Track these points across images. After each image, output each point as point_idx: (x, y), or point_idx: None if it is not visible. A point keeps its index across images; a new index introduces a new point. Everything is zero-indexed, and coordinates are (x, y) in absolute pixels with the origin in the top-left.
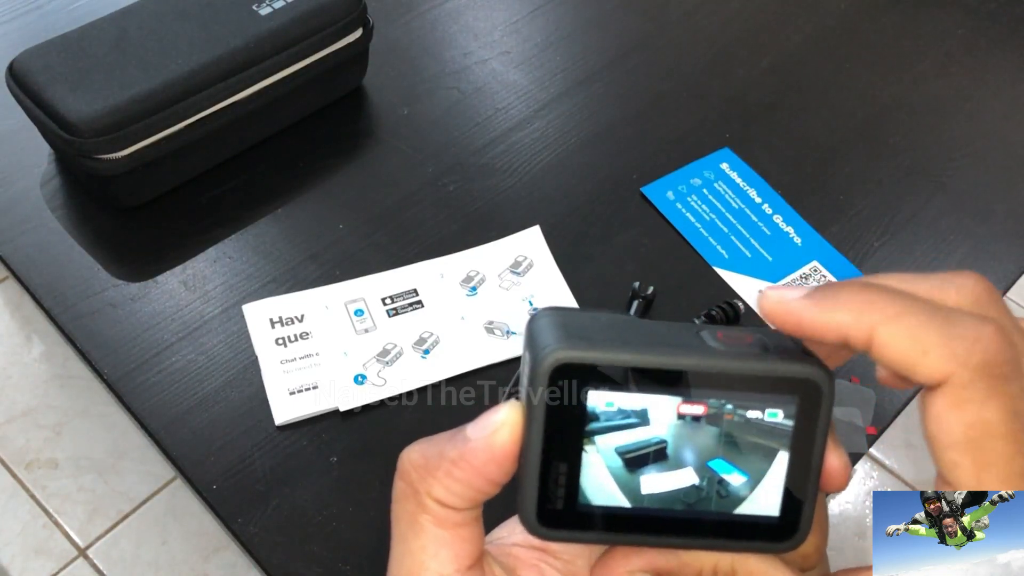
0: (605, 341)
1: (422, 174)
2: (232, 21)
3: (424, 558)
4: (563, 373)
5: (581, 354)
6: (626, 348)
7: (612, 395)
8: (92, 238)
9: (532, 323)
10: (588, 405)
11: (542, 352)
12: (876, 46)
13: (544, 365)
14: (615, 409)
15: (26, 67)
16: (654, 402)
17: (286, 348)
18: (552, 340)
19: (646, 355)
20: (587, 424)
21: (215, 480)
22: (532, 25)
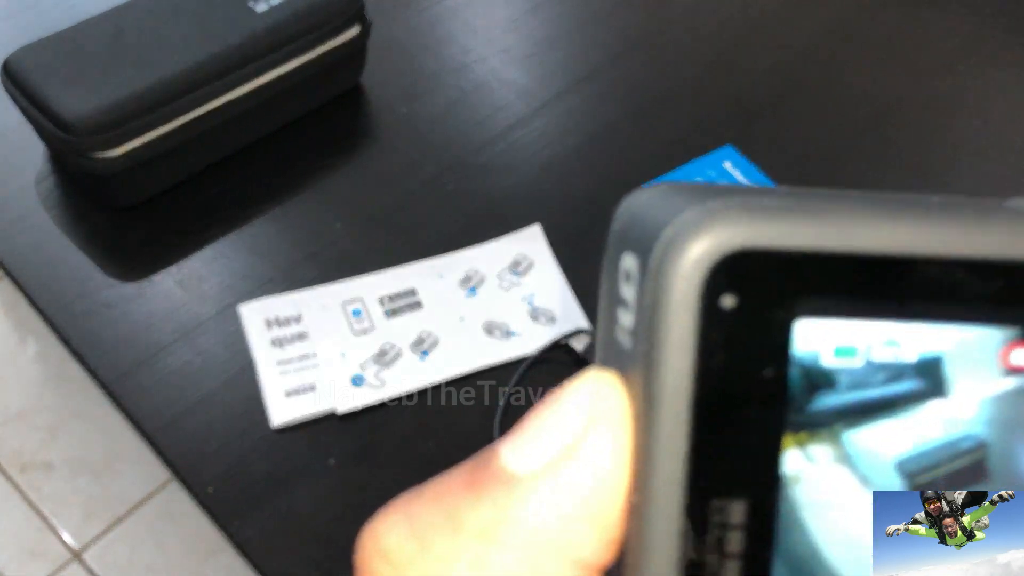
0: (819, 205)
1: (421, 173)
2: (228, 18)
3: None
4: (738, 274)
5: (785, 225)
6: (888, 211)
7: (859, 326)
8: (87, 237)
9: (631, 205)
10: (801, 353)
11: (678, 221)
12: (880, 44)
13: (688, 254)
14: (861, 363)
15: (21, 65)
16: (954, 344)
17: (283, 349)
18: (700, 201)
19: (943, 225)
20: (800, 401)
21: (211, 483)
22: (532, 22)
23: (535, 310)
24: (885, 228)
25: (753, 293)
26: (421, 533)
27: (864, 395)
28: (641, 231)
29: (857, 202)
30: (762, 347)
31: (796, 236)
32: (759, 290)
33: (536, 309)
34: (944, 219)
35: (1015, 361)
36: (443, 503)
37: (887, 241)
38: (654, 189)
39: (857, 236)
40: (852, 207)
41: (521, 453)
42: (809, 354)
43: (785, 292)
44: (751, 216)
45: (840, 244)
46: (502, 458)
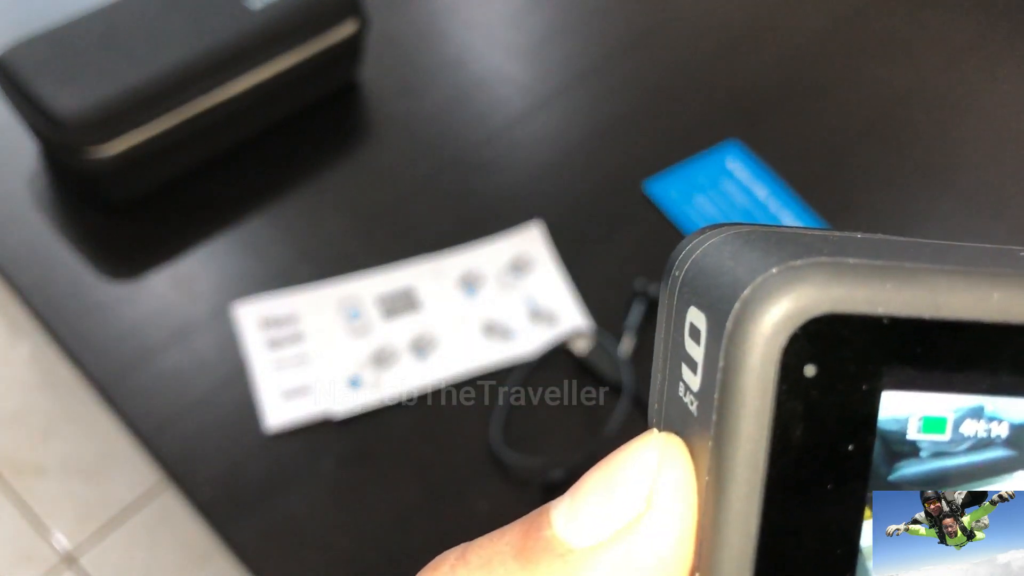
0: (909, 266)
1: (419, 170)
2: (223, 14)
3: None
4: (822, 340)
5: (874, 289)
6: (983, 276)
7: (947, 399)
8: (80, 236)
9: (696, 251)
10: (885, 422)
11: (759, 283)
12: (886, 40)
13: (769, 318)
14: (947, 436)
15: (13, 61)
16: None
17: (278, 350)
18: (779, 258)
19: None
20: (881, 472)
21: (206, 486)
22: (532, 18)
23: (535, 310)
24: (979, 293)
25: (837, 362)
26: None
27: (948, 463)
28: (712, 287)
29: (946, 262)
30: (845, 420)
31: (885, 301)
32: (844, 359)
33: (536, 309)
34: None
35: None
36: (492, 572)
37: (982, 308)
38: (723, 236)
39: (951, 302)
40: (942, 269)
41: (578, 524)
42: (895, 424)
43: (871, 361)
44: (837, 278)
45: (932, 311)
46: (556, 527)
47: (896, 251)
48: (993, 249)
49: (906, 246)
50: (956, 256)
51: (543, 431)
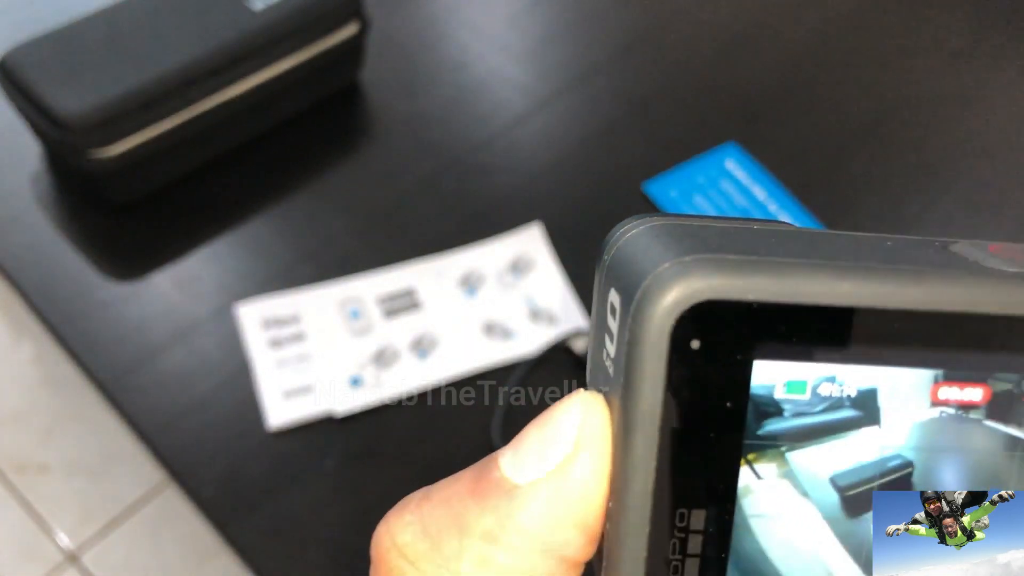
0: (780, 255)
1: (419, 171)
2: (225, 15)
3: None
4: (703, 321)
5: (744, 280)
6: (833, 268)
7: (805, 367)
8: (83, 237)
9: (619, 241)
10: (756, 387)
11: (655, 274)
12: (884, 42)
13: (661, 303)
14: (806, 396)
15: (16, 63)
16: (888, 381)
17: (280, 350)
18: (671, 249)
19: (880, 281)
20: (752, 426)
21: (208, 485)
22: (532, 18)
23: (535, 310)
24: (830, 284)
25: (716, 338)
26: (432, 533)
27: (806, 422)
28: (626, 273)
29: (811, 257)
30: (722, 384)
31: (754, 290)
32: (721, 335)
33: (536, 309)
34: (883, 276)
35: (942, 396)
36: (451, 507)
37: (831, 295)
38: (640, 228)
39: (806, 291)
40: (804, 264)
41: (520, 466)
42: (763, 388)
43: (743, 337)
44: (716, 272)
45: (790, 298)
46: (503, 469)
47: (779, 244)
48: (862, 240)
49: (793, 239)
50: (834, 249)
51: None
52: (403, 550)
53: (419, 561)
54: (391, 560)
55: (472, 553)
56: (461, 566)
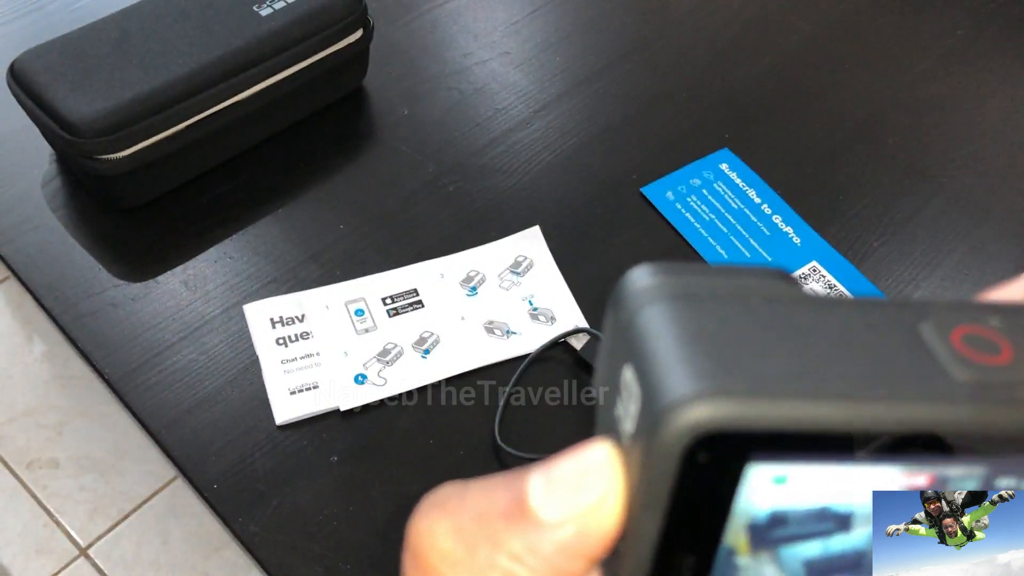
0: (781, 377)
1: (422, 174)
2: (233, 21)
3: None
4: (709, 441)
5: (747, 411)
6: (824, 395)
7: (785, 470)
8: (93, 238)
9: (638, 311)
10: (745, 484)
11: (670, 397)
12: (875, 46)
13: (674, 426)
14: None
15: (27, 67)
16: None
17: (287, 348)
18: (686, 374)
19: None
20: (741, 514)
21: (216, 480)
22: (532, 25)
23: (535, 310)
24: (812, 417)
25: (721, 452)
26: (468, 544)
27: (793, 532)
28: (645, 366)
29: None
30: (722, 485)
31: (755, 422)
32: (727, 451)
33: (536, 309)
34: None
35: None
36: (486, 525)
37: (811, 424)
38: (658, 301)
39: (795, 423)
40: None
41: (550, 503)
42: (757, 486)
43: (744, 445)
44: (724, 407)
45: (787, 427)
46: (533, 500)
47: (779, 350)
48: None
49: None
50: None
51: (543, 430)
52: (443, 554)
53: (457, 566)
54: (432, 560)
55: (501, 567)
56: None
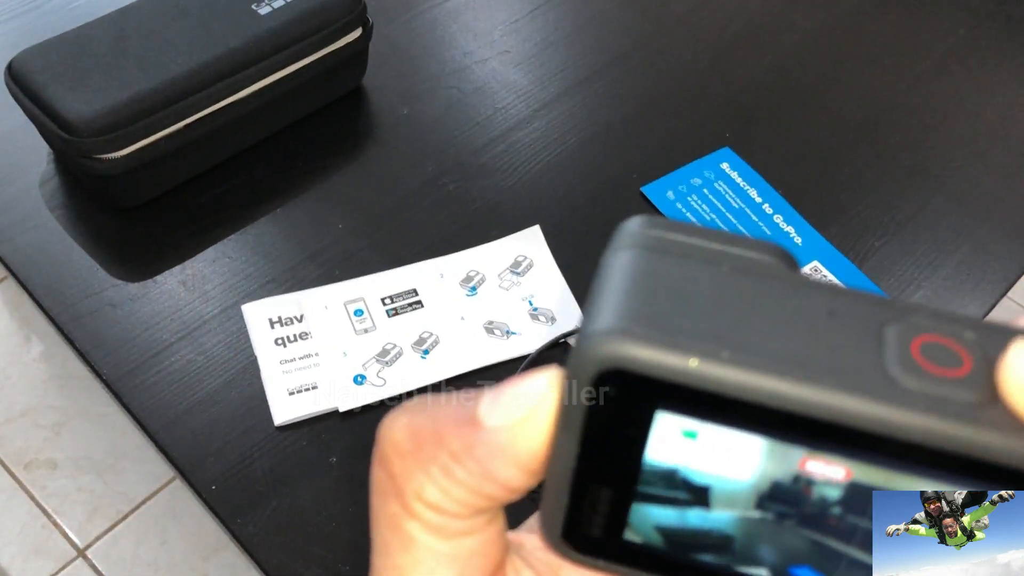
0: (699, 336)
1: (422, 174)
2: (231, 20)
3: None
4: (617, 378)
5: (650, 357)
6: (738, 360)
7: (694, 425)
8: (91, 238)
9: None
10: (653, 429)
11: (590, 331)
12: (876, 46)
13: (587, 357)
14: (697, 442)
15: (25, 67)
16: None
17: (285, 348)
18: (612, 315)
19: (766, 380)
20: (651, 451)
21: (214, 480)
22: (532, 24)
23: (535, 310)
24: (731, 370)
25: (631, 385)
26: (417, 439)
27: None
28: (592, 298)
29: (737, 330)
30: (631, 426)
31: (654, 370)
32: (635, 384)
33: (536, 309)
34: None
35: (810, 468)
36: (435, 424)
37: (729, 383)
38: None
39: (708, 375)
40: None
41: (491, 412)
42: (663, 431)
43: (654, 390)
44: (636, 340)
45: (683, 381)
46: (480, 408)
47: (716, 310)
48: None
49: (735, 302)
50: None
51: None
52: (395, 444)
53: (402, 456)
54: (386, 449)
55: (441, 462)
56: (432, 469)
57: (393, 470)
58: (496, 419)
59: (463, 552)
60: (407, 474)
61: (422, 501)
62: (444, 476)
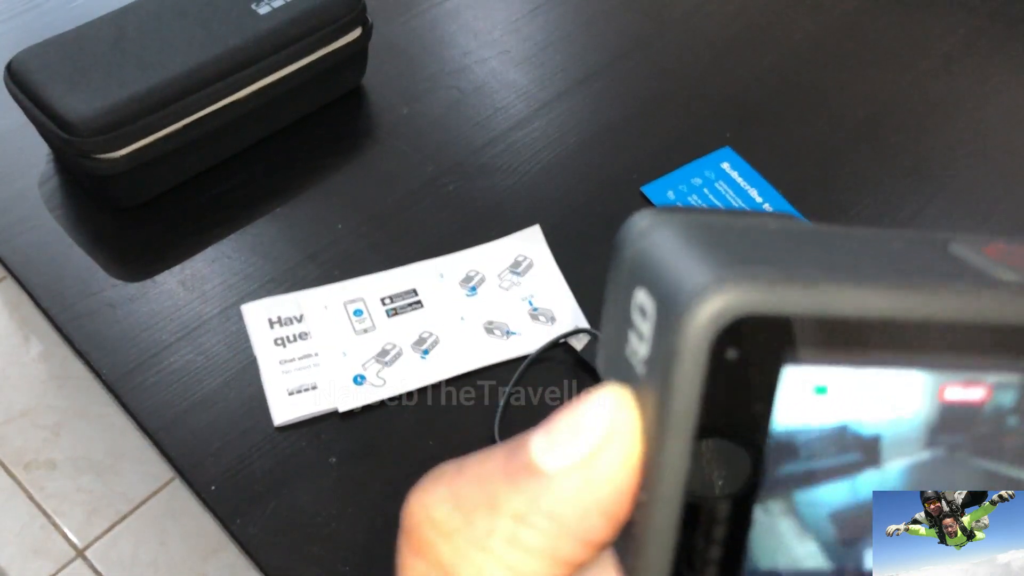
0: (805, 263)
1: (421, 174)
2: (231, 20)
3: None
4: (740, 333)
5: (781, 296)
6: (861, 282)
7: (835, 372)
8: (90, 238)
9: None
10: (781, 395)
11: (698, 290)
12: (877, 45)
13: (705, 318)
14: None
15: (24, 66)
16: (891, 427)
17: (285, 348)
18: (710, 265)
19: (901, 294)
20: (770, 464)
21: (214, 481)
22: (532, 24)
23: (535, 310)
24: (859, 297)
25: (751, 348)
26: (465, 510)
27: (817, 464)
28: (658, 275)
29: (833, 265)
30: (753, 390)
31: (788, 305)
32: (756, 346)
33: (536, 309)
34: (904, 290)
35: (948, 396)
36: (484, 487)
37: (860, 308)
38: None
39: (837, 305)
40: (833, 279)
41: (551, 453)
42: (795, 394)
43: (776, 347)
44: (755, 288)
45: (822, 311)
46: (533, 453)
47: (801, 251)
48: (895, 243)
49: (811, 244)
50: (850, 255)
51: None
52: (437, 524)
53: (452, 536)
54: (424, 532)
55: (503, 532)
56: (492, 543)
57: (440, 557)
58: (560, 457)
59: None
60: (461, 558)
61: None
62: (511, 547)
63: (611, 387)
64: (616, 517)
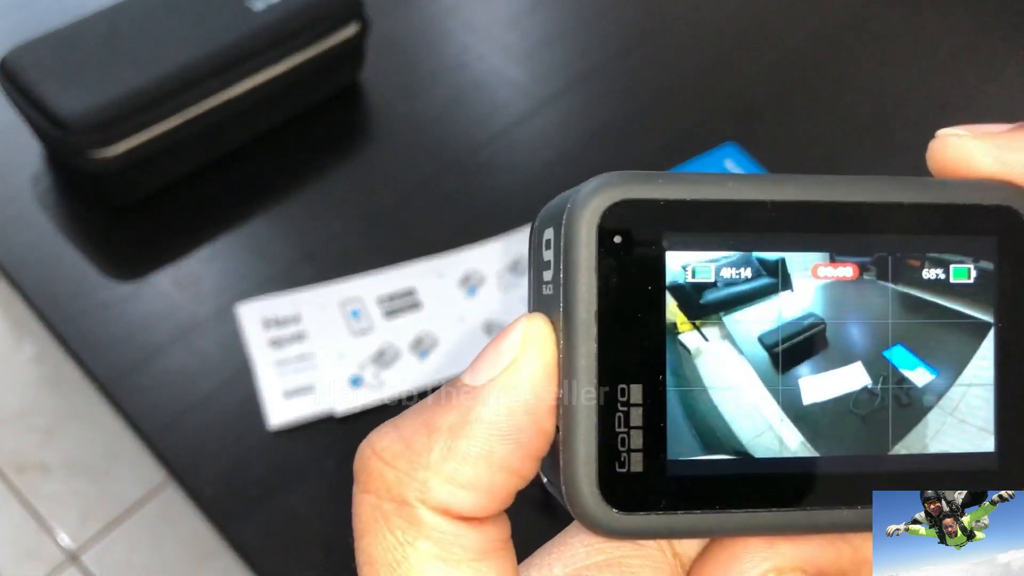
0: (684, 174)
1: (420, 172)
2: (225, 16)
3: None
4: (623, 219)
5: (650, 187)
6: (725, 179)
7: (710, 248)
8: (84, 237)
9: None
10: (670, 269)
11: (579, 192)
12: (883, 42)
13: (587, 205)
14: (724, 275)
15: (16, 63)
16: (784, 258)
17: (281, 349)
18: (597, 180)
19: (763, 185)
20: (692, 297)
21: (209, 484)
22: (532, 20)
23: None
24: (716, 185)
25: (634, 231)
26: (405, 436)
27: (735, 289)
28: (555, 209)
29: (707, 175)
30: (644, 271)
31: (658, 192)
32: (638, 229)
33: None
34: (763, 179)
35: (824, 273)
36: (421, 414)
37: (719, 192)
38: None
39: (696, 191)
40: (697, 175)
41: (476, 373)
42: (678, 267)
43: (656, 229)
44: (629, 180)
45: (686, 195)
46: (463, 378)
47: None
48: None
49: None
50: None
51: None
52: (381, 454)
53: (395, 460)
54: (371, 465)
55: (440, 445)
56: (431, 458)
57: (386, 481)
58: (485, 374)
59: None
60: (404, 480)
61: (429, 505)
62: (449, 458)
63: (524, 317)
64: (543, 421)
